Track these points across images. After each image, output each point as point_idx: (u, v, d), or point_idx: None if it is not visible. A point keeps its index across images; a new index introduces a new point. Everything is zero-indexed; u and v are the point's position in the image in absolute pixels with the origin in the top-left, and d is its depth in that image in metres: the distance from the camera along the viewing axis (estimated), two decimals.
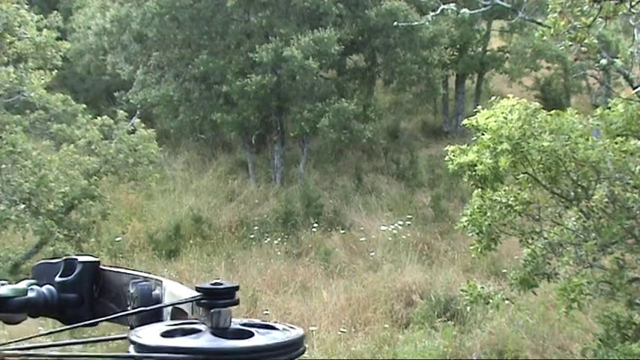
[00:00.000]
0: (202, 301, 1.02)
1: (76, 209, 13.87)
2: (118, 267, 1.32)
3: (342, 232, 17.76)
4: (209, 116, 19.49)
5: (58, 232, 12.55)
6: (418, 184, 20.28)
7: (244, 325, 1.02)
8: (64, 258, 1.31)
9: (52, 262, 1.32)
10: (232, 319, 1.02)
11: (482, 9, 16.49)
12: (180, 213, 18.89)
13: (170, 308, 1.15)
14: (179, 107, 20.03)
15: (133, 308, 1.19)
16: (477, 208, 8.14)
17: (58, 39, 13.24)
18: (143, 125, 15.04)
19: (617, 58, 11.84)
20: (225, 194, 20.23)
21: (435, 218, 18.37)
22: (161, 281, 1.20)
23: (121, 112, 14.94)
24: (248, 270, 16.03)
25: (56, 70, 13.44)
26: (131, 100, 19.81)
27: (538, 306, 12.85)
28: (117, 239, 17.27)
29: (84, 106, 14.66)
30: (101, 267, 1.30)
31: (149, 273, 1.26)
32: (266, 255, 16.84)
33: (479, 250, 8.29)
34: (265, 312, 13.87)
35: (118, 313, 1.23)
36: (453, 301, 13.65)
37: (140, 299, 1.19)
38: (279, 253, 16.91)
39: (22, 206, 11.73)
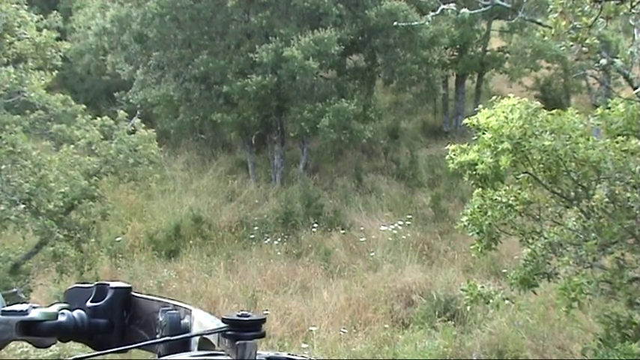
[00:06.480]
0: (228, 333, 1.03)
1: (76, 209, 13.86)
2: (149, 294, 1.32)
3: (342, 232, 17.75)
4: (209, 116, 19.49)
5: (58, 232, 12.53)
6: (418, 184, 20.28)
7: (270, 358, 1.03)
8: (96, 283, 1.31)
9: (84, 287, 1.33)
10: (258, 352, 1.02)
11: (483, 9, 16.47)
12: (180, 213, 18.89)
13: (198, 338, 1.16)
14: (179, 107, 20.03)
15: (162, 336, 1.21)
16: (478, 207, 8.12)
17: (57, 39, 13.22)
18: (143, 125, 15.02)
19: (617, 58, 11.84)
20: (225, 194, 20.23)
21: (435, 218, 18.36)
22: (190, 310, 1.21)
23: (121, 112, 14.92)
24: (248, 270, 16.03)
25: (56, 71, 13.42)
26: (131, 100, 19.80)
27: (538, 306, 12.84)
28: (117, 239, 17.26)
29: (84, 106, 14.63)
30: (132, 293, 1.31)
31: (179, 301, 1.26)
32: (266, 255, 16.83)
33: (479, 249, 8.27)
34: (265, 312, 13.87)
35: (148, 339, 1.24)
36: (453, 301, 13.65)
37: (169, 328, 1.20)
38: (279, 253, 16.90)
39: (22, 206, 11.72)
